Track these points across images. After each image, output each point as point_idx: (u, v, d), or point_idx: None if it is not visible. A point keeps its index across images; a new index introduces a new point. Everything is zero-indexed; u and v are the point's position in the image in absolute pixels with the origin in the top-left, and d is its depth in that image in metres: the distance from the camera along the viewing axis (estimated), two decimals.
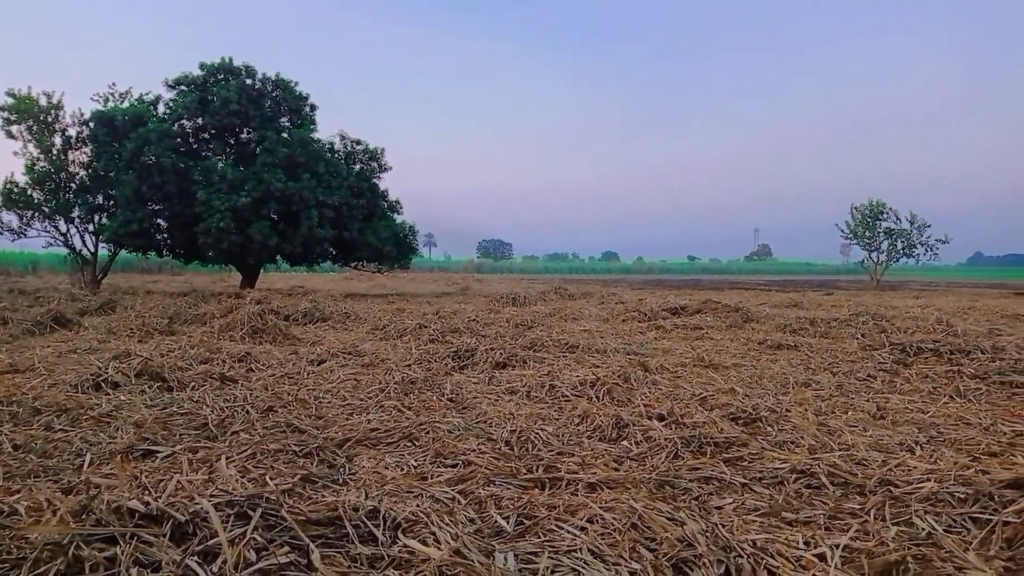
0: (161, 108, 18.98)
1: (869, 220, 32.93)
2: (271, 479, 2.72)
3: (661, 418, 3.88)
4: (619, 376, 4.89)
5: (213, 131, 18.85)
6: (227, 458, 3.05)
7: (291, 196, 17.32)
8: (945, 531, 2.34)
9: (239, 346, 6.62)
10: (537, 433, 3.56)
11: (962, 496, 2.63)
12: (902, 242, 32.80)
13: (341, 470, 2.98)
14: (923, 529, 2.34)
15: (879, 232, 32.98)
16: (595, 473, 2.94)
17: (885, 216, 32.80)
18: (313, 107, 20.20)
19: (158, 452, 3.19)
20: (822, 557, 2.05)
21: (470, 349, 6.15)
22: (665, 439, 3.44)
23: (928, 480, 2.81)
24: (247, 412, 3.95)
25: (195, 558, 1.80)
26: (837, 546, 2.12)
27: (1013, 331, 8.64)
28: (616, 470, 3.05)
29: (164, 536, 1.91)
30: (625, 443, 3.50)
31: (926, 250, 32.94)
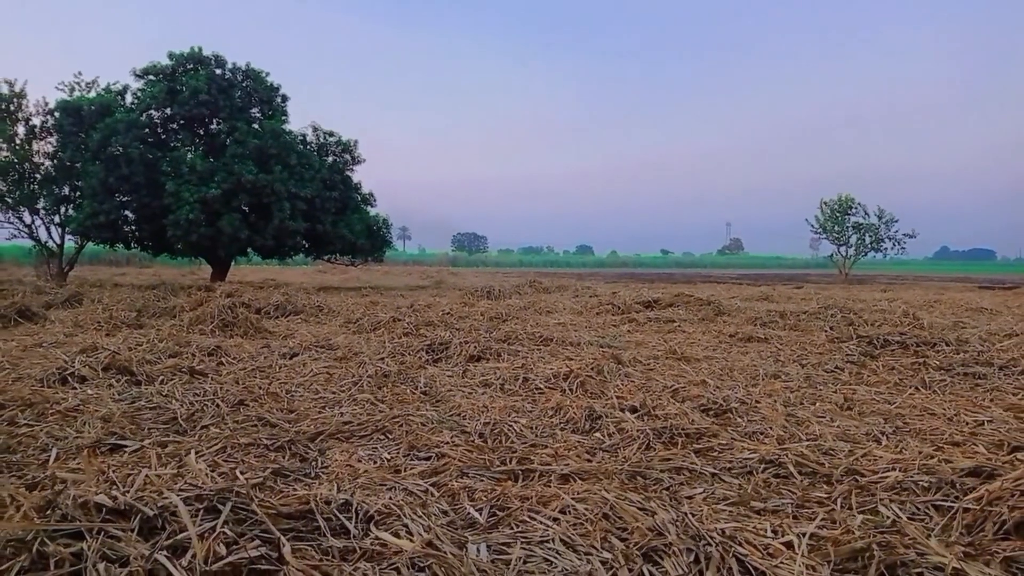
0: (129, 98, 18.60)
1: (838, 215, 33.50)
2: (241, 473, 2.70)
3: (634, 410, 3.91)
4: (592, 369, 4.92)
5: (182, 121, 18.53)
6: (196, 452, 3.01)
7: (262, 188, 17.10)
8: (909, 519, 2.39)
9: (209, 340, 6.54)
10: (511, 425, 3.58)
11: (925, 484, 2.69)
12: (870, 236, 33.42)
13: (313, 464, 2.97)
14: (888, 517, 2.39)
15: (848, 227, 33.57)
16: (568, 464, 2.97)
17: (854, 211, 33.40)
18: (284, 98, 19.95)
19: (126, 447, 3.14)
20: (789, 545, 2.09)
21: (444, 342, 6.14)
22: (637, 431, 3.48)
23: (893, 469, 2.87)
24: (217, 406, 3.91)
25: (164, 552, 1.77)
26: (804, 534, 2.16)
27: (977, 324, 8.85)
28: (589, 461, 3.07)
29: (132, 531, 1.88)
30: (598, 435, 3.52)
31: (893, 244, 33.63)
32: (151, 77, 18.52)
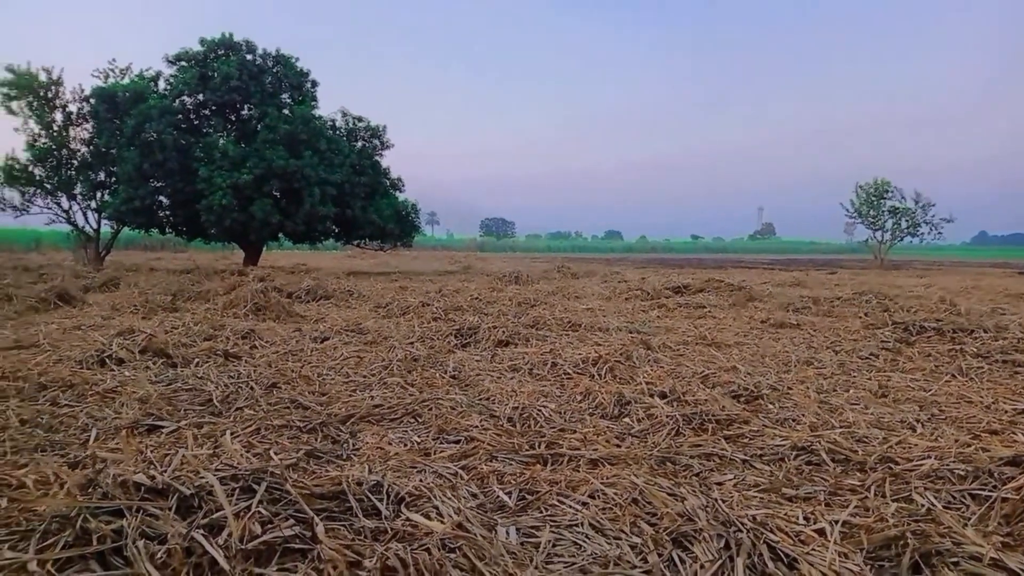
0: (162, 84, 18.88)
1: (874, 199, 32.81)
2: (275, 454, 2.74)
3: (663, 395, 3.89)
4: (621, 354, 4.90)
5: (214, 107, 18.75)
6: (231, 433, 3.07)
7: (293, 173, 17.27)
8: (944, 507, 2.35)
9: (242, 323, 6.64)
10: (539, 410, 3.58)
11: (962, 473, 2.64)
12: (906, 221, 32.70)
13: (345, 445, 3.01)
14: (922, 505, 2.35)
15: (883, 211, 32.87)
16: (597, 449, 2.96)
17: (890, 195, 32.68)
18: (314, 83, 20.08)
19: (163, 427, 3.21)
20: (821, 532, 2.07)
21: (473, 327, 6.16)
22: (667, 416, 3.46)
23: (928, 457, 2.82)
24: (251, 388, 3.98)
25: (201, 531, 1.81)
26: (836, 522, 2.14)
27: (1016, 310, 8.63)
28: (618, 447, 3.06)
29: (170, 509, 1.93)
30: (627, 420, 3.51)
31: (930, 229, 32.87)
32: (183, 63, 18.76)
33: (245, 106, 18.84)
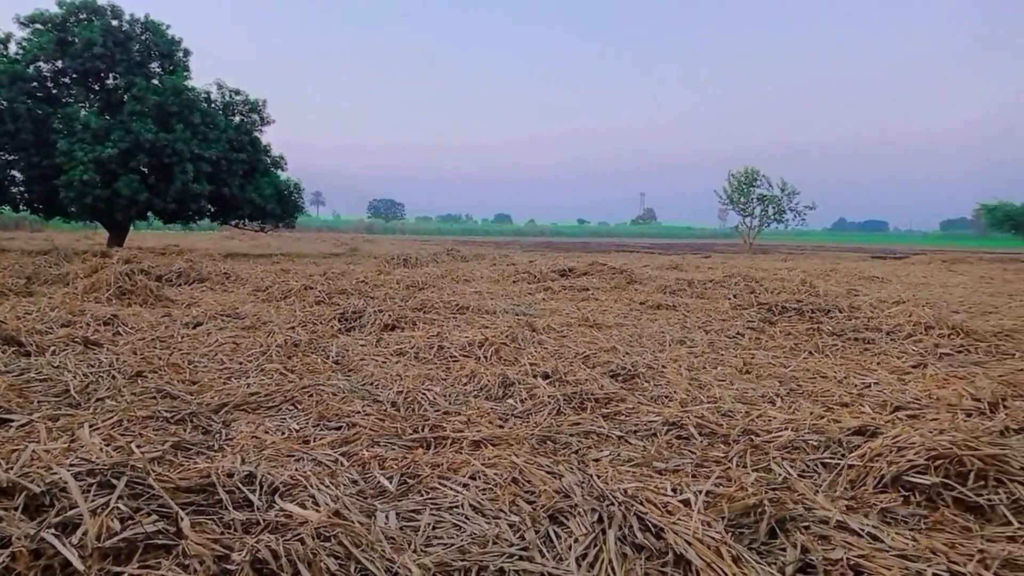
0: (12, 48, 17.12)
1: (744, 187, 34.80)
2: (138, 447, 2.59)
3: (546, 376, 3.98)
4: (507, 336, 4.97)
5: (75, 75, 17.26)
6: (90, 426, 2.86)
7: (163, 148, 16.20)
8: (799, 476, 2.56)
9: (105, 308, 6.20)
10: (424, 394, 3.58)
11: (815, 443, 2.88)
12: (773, 208, 34.95)
13: (217, 436, 2.88)
14: (779, 475, 2.54)
15: (753, 198, 34.95)
16: (480, 431, 3.00)
17: (759, 183, 34.78)
18: (187, 52, 18.86)
19: (12, 421, 2.95)
20: (687, 503, 2.19)
21: (358, 311, 6.05)
22: (549, 396, 3.54)
23: (786, 429, 3.05)
24: (113, 378, 3.73)
25: (52, 530, 1.69)
26: (701, 492, 2.27)
27: (868, 292, 9.45)
28: (501, 427, 3.11)
29: (16, 509, 1.78)
30: (511, 401, 3.57)
31: (795, 216, 35.31)
32: (38, 26, 17.06)
33: (110, 75, 17.45)
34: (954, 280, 12.67)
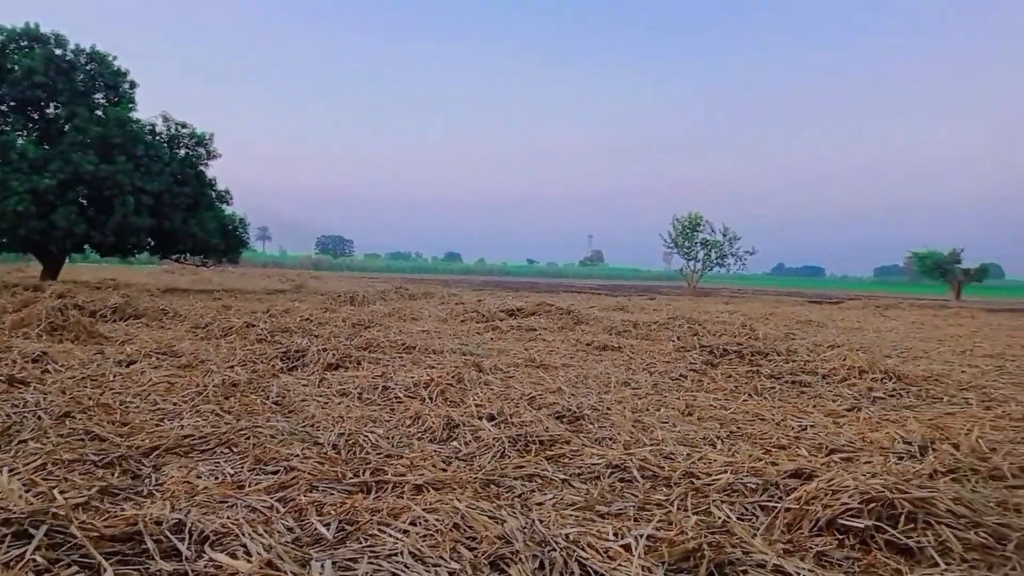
0: None
1: (688, 231, 35.72)
2: (61, 492, 2.46)
3: (491, 418, 3.96)
4: (453, 377, 4.93)
5: (12, 103, 16.69)
6: (10, 470, 2.71)
7: (103, 180, 15.74)
8: (738, 519, 2.59)
9: (34, 344, 5.92)
10: (366, 436, 3.51)
11: (753, 486, 2.92)
12: (716, 252, 35.91)
13: (147, 481, 2.76)
14: (719, 518, 2.57)
15: (696, 243, 35.87)
16: (423, 475, 2.95)
17: (702, 228, 35.75)
18: (133, 84, 18.49)
19: None
20: (628, 547, 2.19)
21: (301, 350, 5.93)
22: (493, 439, 3.52)
23: (726, 472, 3.08)
24: (39, 418, 3.55)
25: None
26: (642, 536, 2.27)
27: (805, 335, 9.72)
28: (444, 471, 3.07)
29: None
30: (455, 443, 3.53)
31: (736, 260, 36.33)
32: None
33: (51, 104, 16.96)
34: (887, 325, 13.18)
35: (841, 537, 2.39)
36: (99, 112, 17.06)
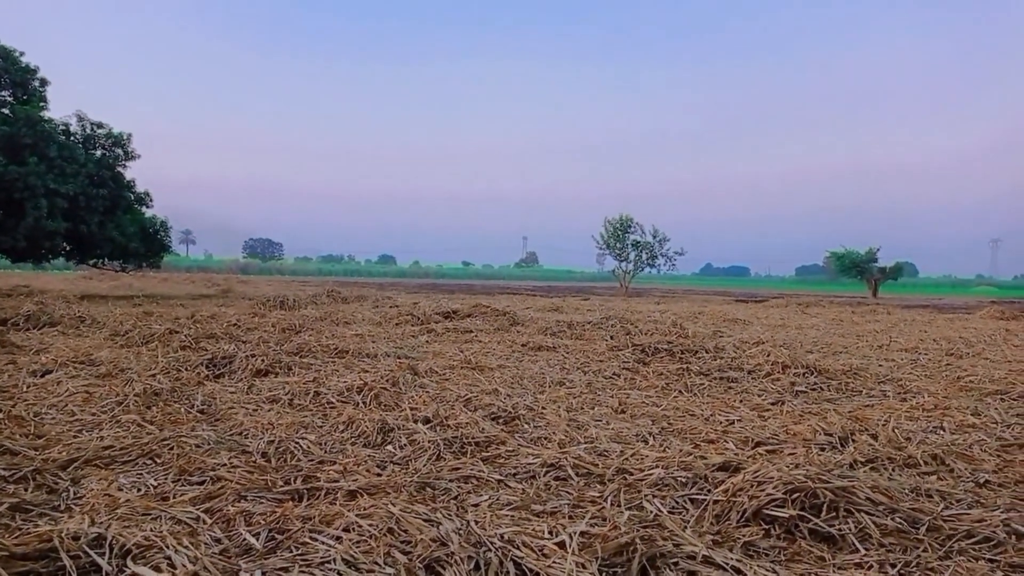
0: None
1: (619, 233, 36.31)
2: None
3: (426, 421, 3.93)
4: (387, 380, 4.88)
5: None
6: None
7: (13, 182, 14.93)
8: (669, 512, 2.65)
9: None
10: (297, 442, 3.44)
11: (684, 480, 3.00)
12: (646, 253, 36.59)
13: (64, 495, 2.63)
14: (651, 512, 2.63)
15: (628, 244, 36.49)
16: (356, 480, 2.91)
17: (633, 230, 36.38)
18: (44, 82, 17.63)
19: None
20: (562, 544, 2.22)
21: (228, 356, 5.75)
22: (429, 441, 3.50)
23: (657, 467, 3.15)
24: None
25: None
26: (575, 533, 2.30)
27: (732, 333, 10.03)
28: (378, 476, 3.03)
29: None
30: (389, 448, 3.50)
31: (666, 261, 37.11)
32: None
33: None
34: (808, 322, 13.72)
35: (767, 527, 2.48)
36: (6, 111, 16.17)
